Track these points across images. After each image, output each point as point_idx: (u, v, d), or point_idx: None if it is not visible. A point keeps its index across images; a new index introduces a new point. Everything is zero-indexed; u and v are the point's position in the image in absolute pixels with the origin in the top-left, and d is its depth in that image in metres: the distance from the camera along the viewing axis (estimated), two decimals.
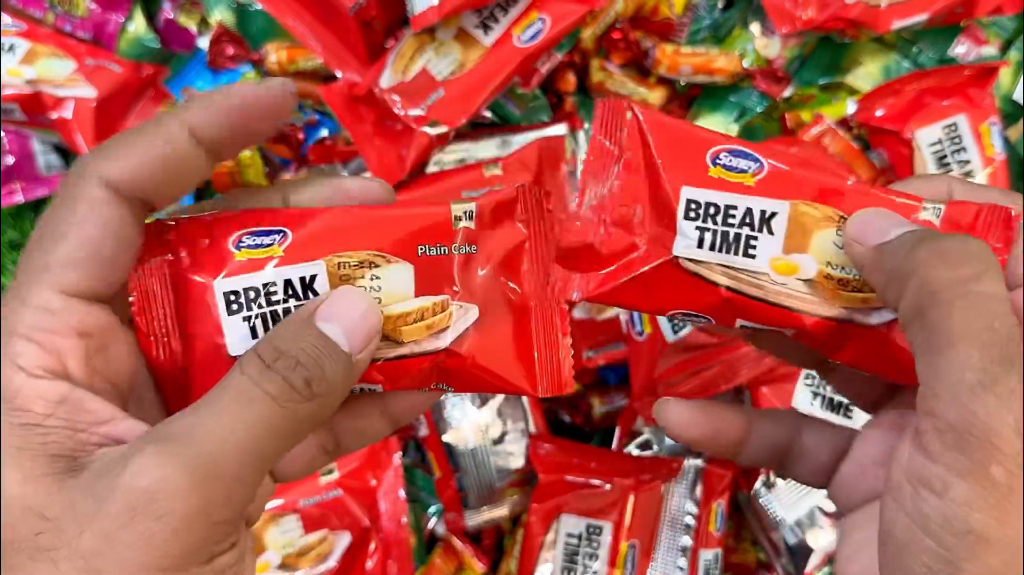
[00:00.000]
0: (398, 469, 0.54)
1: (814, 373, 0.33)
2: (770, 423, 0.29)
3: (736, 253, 0.26)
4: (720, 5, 0.58)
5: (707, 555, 0.52)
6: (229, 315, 0.25)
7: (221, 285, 0.25)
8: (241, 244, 0.25)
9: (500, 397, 0.54)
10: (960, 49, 0.58)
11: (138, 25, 0.61)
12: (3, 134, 0.60)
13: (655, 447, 0.57)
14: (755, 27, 0.58)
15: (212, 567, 0.21)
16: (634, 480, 0.52)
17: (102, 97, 0.56)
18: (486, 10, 0.51)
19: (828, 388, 0.52)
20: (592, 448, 0.56)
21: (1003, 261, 0.25)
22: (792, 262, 0.26)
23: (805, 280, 0.26)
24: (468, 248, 0.26)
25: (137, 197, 0.23)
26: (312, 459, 0.28)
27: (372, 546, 0.53)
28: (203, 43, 0.60)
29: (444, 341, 0.26)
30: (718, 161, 0.26)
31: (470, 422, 0.53)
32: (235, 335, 0.25)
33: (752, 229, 0.26)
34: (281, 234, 0.25)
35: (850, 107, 0.57)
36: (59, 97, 0.56)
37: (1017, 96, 0.58)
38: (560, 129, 0.56)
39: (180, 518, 0.20)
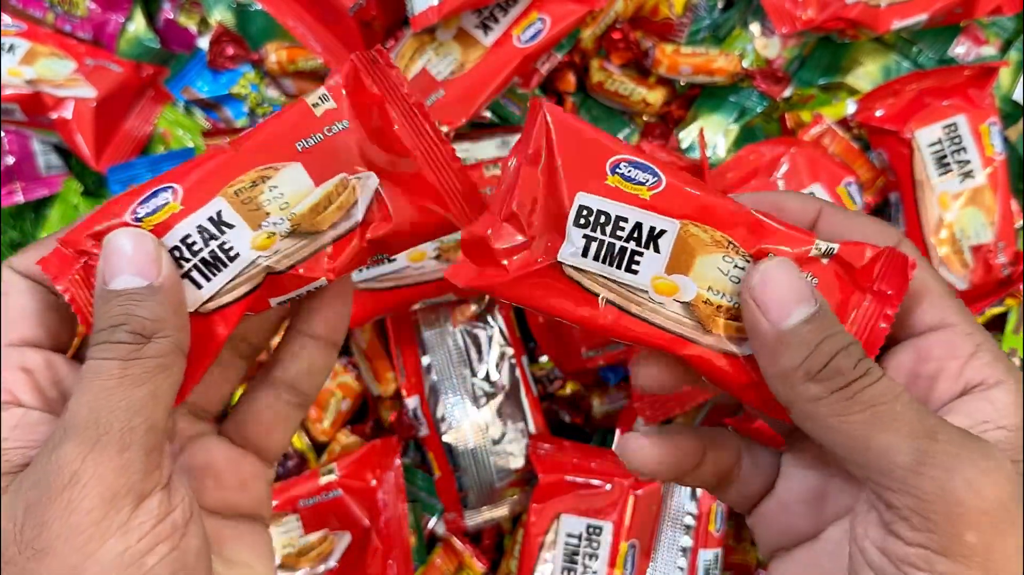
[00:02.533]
0: (398, 469, 0.54)
1: None
2: (719, 447, 0.29)
3: (619, 267, 0.26)
4: (720, 5, 0.58)
5: (707, 555, 0.52)
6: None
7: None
8: (138, 217, 0.26)
9: (499, 397, 0.54)
10: (960, 49, 0.58)
11: (138, 25, 0.61)
12: (3, 134, 0.60)
13: None
14: (755, 27, 0.58)
15: (143, 512, 0.23)
16: (634, 480, 0.52)
17: (102, 97, 0.57)
18: (486, 10, 0.51)
19: None
20: (592, 448, 0.56)
21: (895, 308, 0.26)
22: (673, 282, 0.26)
23: (683, 303, 0.26)
24: (339, 126, 0.27)
25: (40, 282, 0.27)
26: (286, 419, 0.30)
27: (372, 546, 0.53)
28: (203, 43, 0.60)
29: (358, 214, 0.27)
30: (617, 170, 0.25)
31: (470, 422, 0.53)
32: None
33: (639, 244, 0.25)
34: (170, 190, 0.27)
35: (850, 107, 0.57)
36: (59, 97, 0.56)
37: (1017, 96, 0.58)
38: None
39: (86, 476, 0.22)
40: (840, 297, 0.26)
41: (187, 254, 0.26)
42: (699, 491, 0.52)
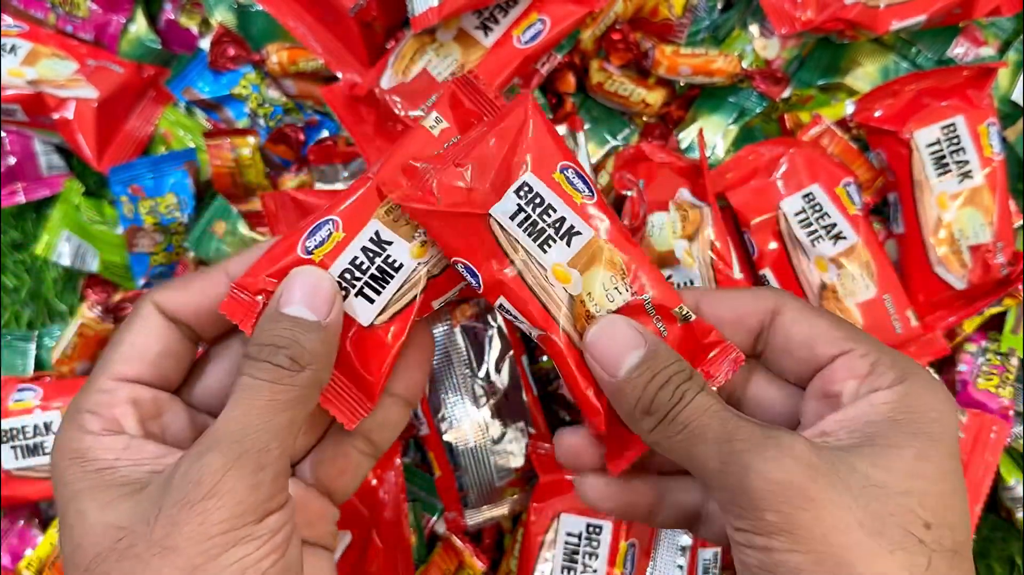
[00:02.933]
0: (398, 469, 0.54)
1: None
2: (679, 490, 0.32)
3: (535, 241, 0.30)
4: (719, 6, 0.58)
5: (706, 554, 0.52)
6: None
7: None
8: (309, 250, 0.29)
9: (499, 397, 0.54)
10: (958, 50, 0.58)
11: (139, 26, 0.61)
12: (5, 135, 0.60)
13: None
14: (754, 28, 0.58)
15: (264, 526, 0.25)
16: None
17: (104, 98, 0.57)
18: (486, 11, 0.51)
19: None
20: None
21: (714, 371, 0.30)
22: (569, 274, 0.30)
23: (569, 294, 0.30)
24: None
25: (181, 321, 0.30)
26: (356, 466, 0.33)
27: (373, 545, 0.54)
28: (204, 44, 0.60)
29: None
30: (565, 172, 0.30)
31: (470, 421, 0.54)
32: (357, 310, 0.30)
33: (556, 233, 0.29)
34: (331, 222, 0.30)
35: (849, 108, 0.57)
36: (61, 98, 0.56)
37: (1015, 97, 0.58)
38: (560, 130, 0.56)
39: (224, 489, 0.25)
40: (682, 350, 0.30)
41: (357, 274, 0.30)
42: None
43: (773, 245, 0.53)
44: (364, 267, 0.30)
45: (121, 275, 0.59)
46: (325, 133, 0.59)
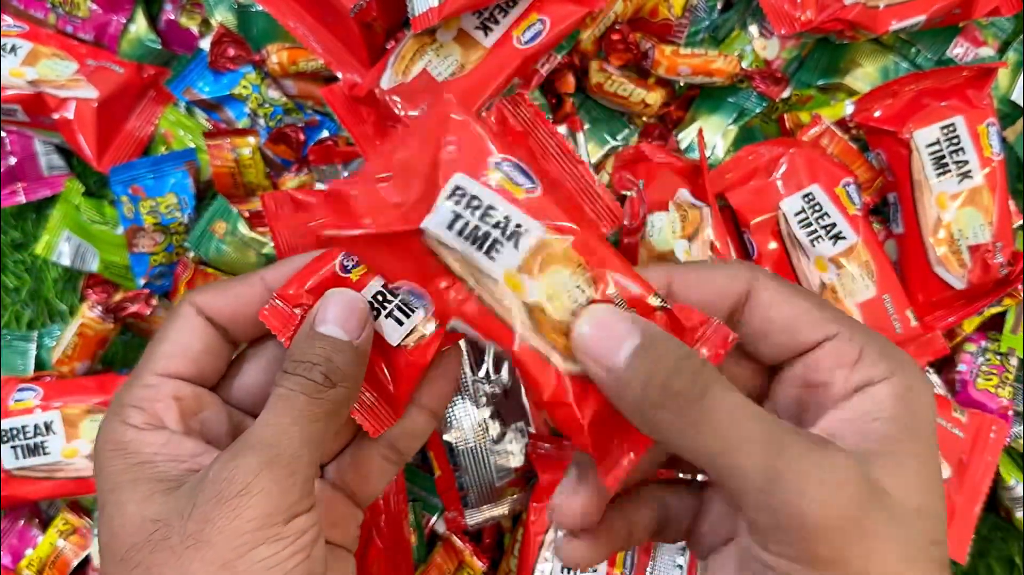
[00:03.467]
0: (399, 469, 0.54)
1: None
2: (639, 509, 0.31)
3: (479, 249, 0.27)
4: (719, 6, 0.58)
5: None
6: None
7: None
8: (347, 268, 0.29)
9: (499, 396, 0.54)
10: (958, 50, 0.58)
11: (139, 26, 0.61)
12: (5, 135, 0.60)
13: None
14: (754, 28, 0.58)
15: (291, 527, 0.26)
16: None
17: (104, 98, 0.57)
18: (486, 11, 0.51)
19: None
20: None
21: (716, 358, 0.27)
22: (522, 281, 0.27)
23: (525, 303, 0.27)
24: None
25: (218, 323, 0.31)
26: (381, 472, 0.33)
27: (373, 545, 0.54)
28: (205, 44, 0.60)
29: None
30: (500, 166, 0.27)
31: (470, 421, 0.54)
32: (387, 331, 0.29)
33: (502, 235, 0.27)
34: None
35: (848, 108, 0.57)
36: (61, 98, 0.56)
37: (1015, 97, 0.58)
38: (560, 131, 0.56)
39: (256, 489, 0.25)
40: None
41: (389, 297, 0.29)
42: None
43: (773, 245, 0.53)
44: (397, 292, 0.29)
45: (121, 275, 0.59)
46: (325, 133, 0.59)
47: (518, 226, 0.26)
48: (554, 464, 0.53)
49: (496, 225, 0.27)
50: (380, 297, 0.29)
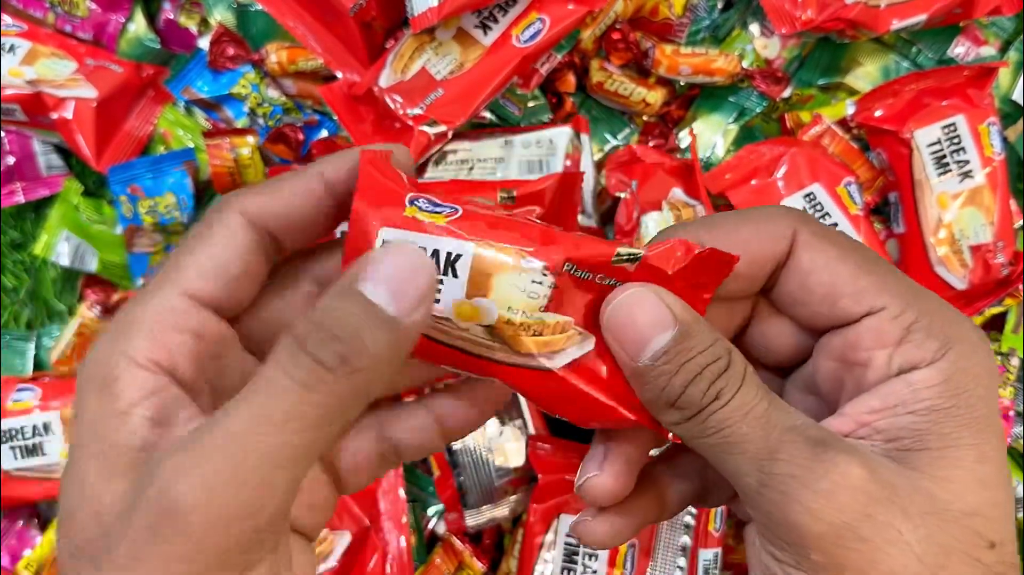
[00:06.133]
0: (398, 469, 0.54)
1: None
2: (674, 480, 0.28)
3: None
4: (719, 6, 0.58)
5: (707, 555, 0.52)
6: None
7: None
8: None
9: None
10: (959, 49, 0.58)
11: (138, 25, 0.61)
12: (4, 134, 0.60)
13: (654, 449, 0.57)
14: (754, 28, 0.58)
15: None
16: None
17: (103, 97, 0.57)
18: (485, 10, 0.51)
19: None
20: None
21: (710, 292, 0.25)
22: (474, 306, 0.24)
23: (486, 326, 0.24)
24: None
25: (268, 230, 0.24)
26: (375, 468, 0.28)
27: (372, 546, 0.53)
28: (203, 43, 0.60)
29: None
30: (415, 203, 0.24)
31: None
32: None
33: (438, 271, 0.24)
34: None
35: (849, 108, 0.57)
36: (60, 97, 0.56)
37: (1016, 96, 0.58)
38: (563, 130, 0.56)
39: (199, 531, 0.19)
40: None
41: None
42: None
43: None
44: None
45: (120, 275, 0.59)
46: (324, 133, 0.59)
47: (449, 254, 0.24)
48: (554, 464, 0.53)
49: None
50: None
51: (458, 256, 0.24)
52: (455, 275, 0.24)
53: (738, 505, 0.28)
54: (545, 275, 0.24)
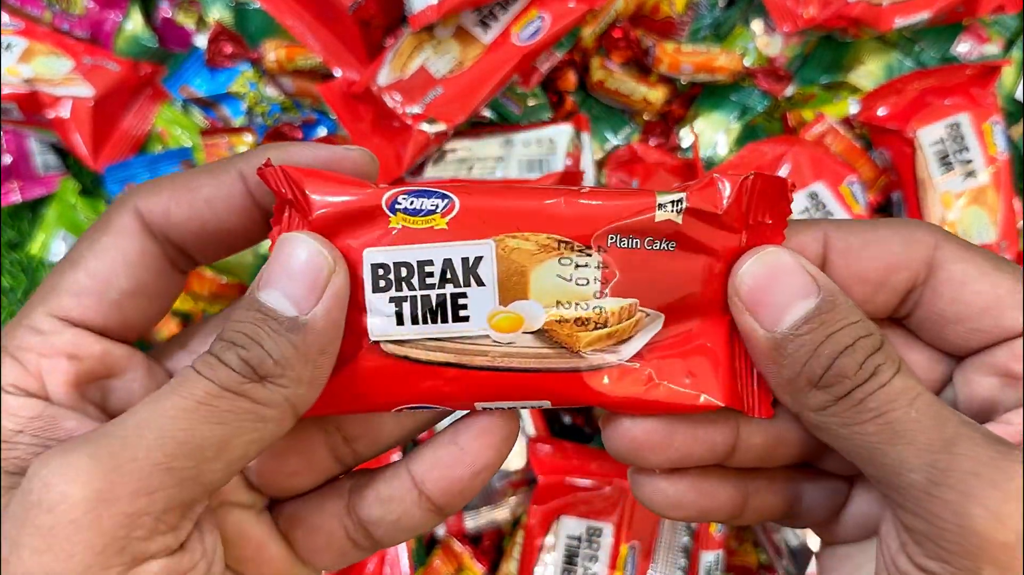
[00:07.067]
0: None
1: None
2: (765, 491, 0.25)
3: (446, 320, 0.21)
4: (721, 3, 0.58)
5: (708, 557, 0.51)
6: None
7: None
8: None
9: None
10: (962, 48, 0.58)
11: (135, 24, 0.61)
12: (1, 134, 0.59)
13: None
14: (756, 25, 0.58)
15: (138, 573, 0.18)
16: None
17: (99, 96, 0.56)
18: (485, 8, 0.51)
19: None
20: (591, 449, 0.55)
21: (779, 238, 0.22)
22: (514, 313, 0.21)
23: (535, 333, 0.21)
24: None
25: (171, 239, 0.21)
26: (342, 552, 0.24)
27: None
28: (201, 41, 0.59)
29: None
30: (397, 206, 0.20)
31: None
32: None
33: (457, 285, 0.20)
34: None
35: (852, 106, 0.56)
36: (56, 96, 0.55)
37: (1019, 95, 0.58)
38: (565, 128, 0.56)
39: (78, 506, 0.17)
40: (711, 250, 0.22)
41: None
42: None
43: None
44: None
45: None
46: (323, 131, 0.59)
47: (465, 261, 0.20)
48: (554, 466, 0.53)
49: (444, 280, 0.21)
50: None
51: (477, 260, 0.20)
52: (480, 283, 0.20)
53: (830, 531, 0.26)
54: (590, 254, 0.21)
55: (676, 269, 0.21)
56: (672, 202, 0.20)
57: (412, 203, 0.20)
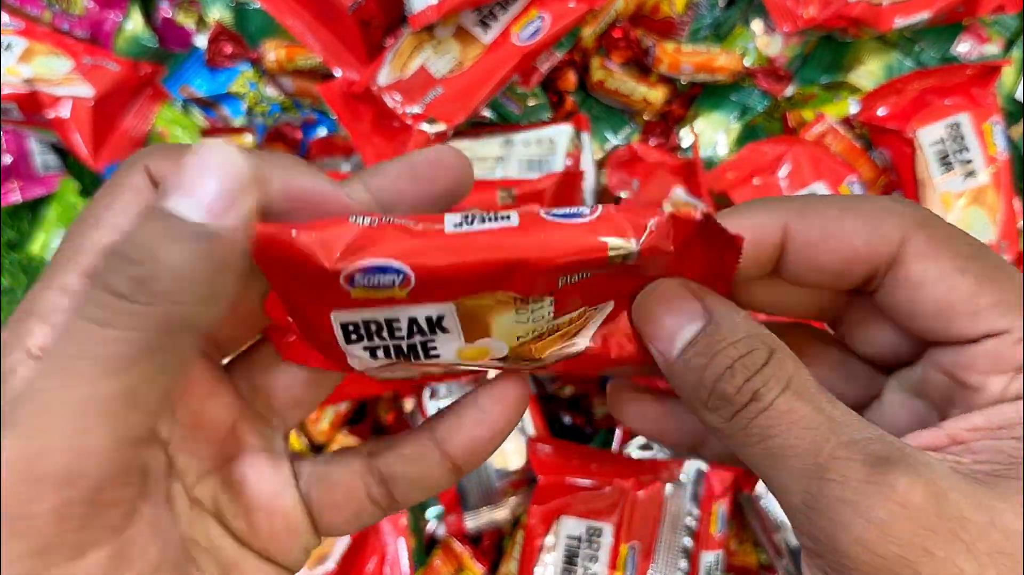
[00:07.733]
0: None
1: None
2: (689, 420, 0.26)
3: (419, 358, 0.22)
4: (721, 3, 0.58)
5: (708, 557, 0.51)
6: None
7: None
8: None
9: None
10: (962, 48, 0.58)
11: (135, 23, 0.60)
12: (1, 134, 0.59)
13: (656, 448, 0.57)
14: (756, 25, 0.58)
15: (78, 566, 0.17)
16: (635, 481, 0.52)
17: (99, 96, 0.56)
18: (485, 8, 0.51)
19: None
20: (591, 450, 0.55)
21: (727, 290, 0.23)
22: (481, 347, 0.22)
23: (501, 359, 0.23)
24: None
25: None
26: (359, 510, 0.24)
27: (371, 548, 0.53)
28: (201, 41, 0.59)
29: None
30: (356, 282, 0.20)
31: None
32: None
33: (424, 335, 0.22)
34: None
35: (852, 106, 0.56)
36: (56, 96, 0.55)
37: (1019, 95, 0.58)
38: (564, 128, 0.56)
39: (18, 521, 0.16)
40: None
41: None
42: (700, 493, 0.52)
43: None
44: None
45: None
46: (323, 131, 0.59)
47: (428, 318, 0.21)
48: (554, 466, 0.53)
49: (412, 332, 0.22)
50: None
51: (440, 317, 0.21)
52: (445, 331, 0.22)
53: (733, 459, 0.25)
54: (543, 300, 0.22)
55: (619, 276, 0.22)
56: (623, 256, 0.21)
57: (369, 280, 0.20)
